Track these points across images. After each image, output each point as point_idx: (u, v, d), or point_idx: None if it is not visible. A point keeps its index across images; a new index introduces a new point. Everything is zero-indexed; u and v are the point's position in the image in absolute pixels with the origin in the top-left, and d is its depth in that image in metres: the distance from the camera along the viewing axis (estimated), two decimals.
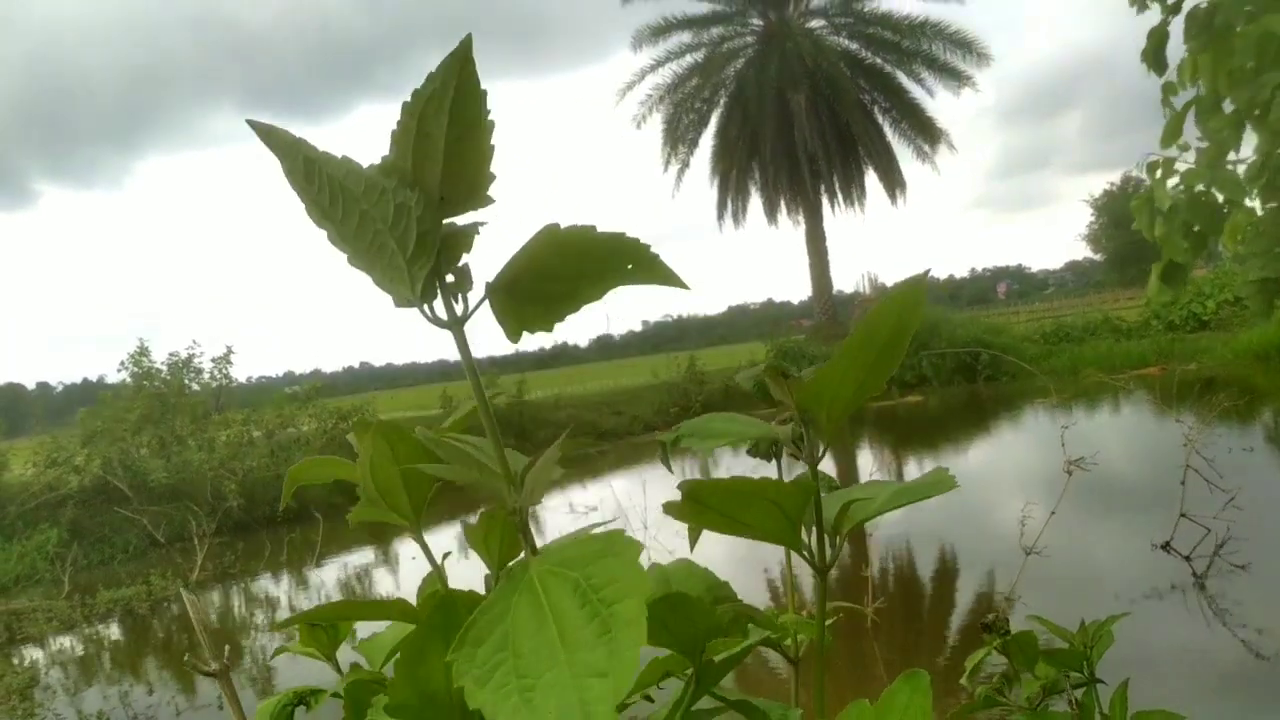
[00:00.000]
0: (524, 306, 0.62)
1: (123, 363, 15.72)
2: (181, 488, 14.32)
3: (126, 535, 13.66)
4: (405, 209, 0.56)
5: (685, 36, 26.75)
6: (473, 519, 0.74)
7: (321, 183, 0.57)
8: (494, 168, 0.57)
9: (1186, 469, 6.24)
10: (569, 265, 0.59)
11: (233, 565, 12.05)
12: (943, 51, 25.10)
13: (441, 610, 0.65)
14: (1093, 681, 1.00)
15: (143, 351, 15.74)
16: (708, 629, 0.73)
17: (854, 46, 26.22)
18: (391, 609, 0.80)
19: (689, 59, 26.78)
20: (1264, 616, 5.14)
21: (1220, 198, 3.98)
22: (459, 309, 0.61)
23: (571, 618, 0.50)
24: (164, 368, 15.84)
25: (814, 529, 0.69)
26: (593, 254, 0.59)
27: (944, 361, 21.69)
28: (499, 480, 0.63)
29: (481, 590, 0.75)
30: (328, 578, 11.00)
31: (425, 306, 0.60)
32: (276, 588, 11.12)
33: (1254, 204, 4.12)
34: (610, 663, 0.47)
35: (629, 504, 9.60)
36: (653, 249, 0.59)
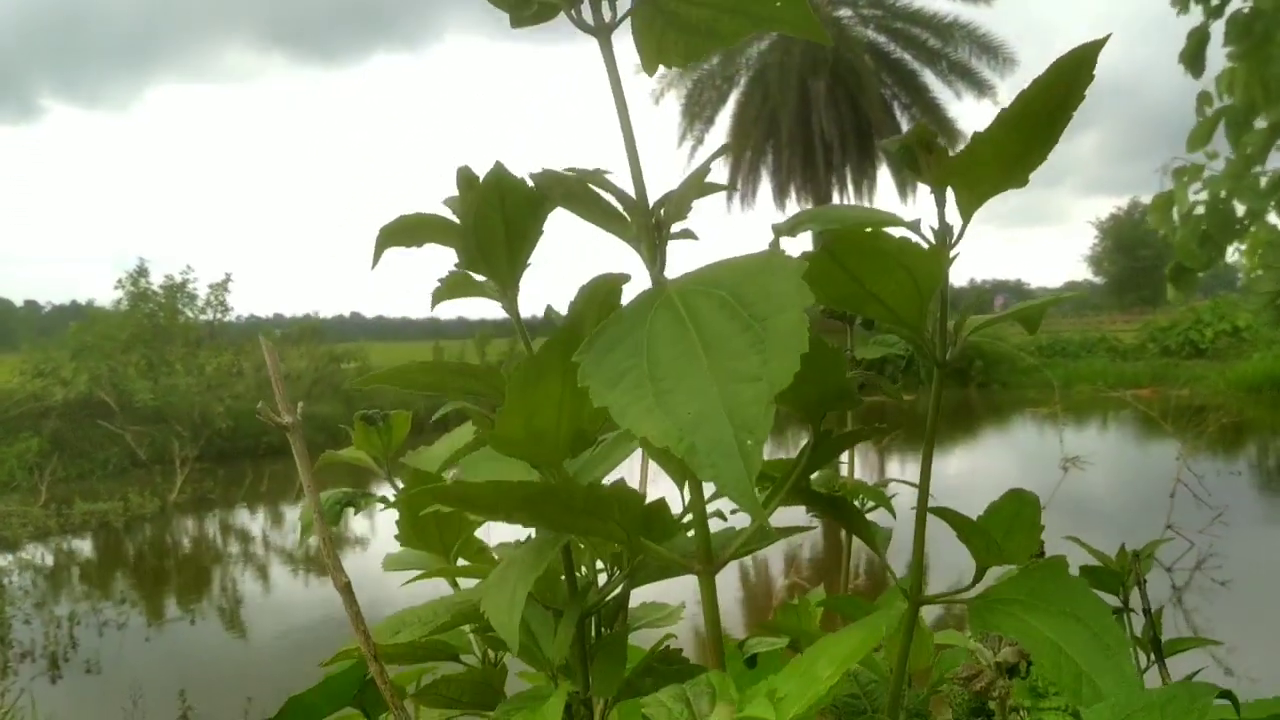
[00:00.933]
0: (666, 31, 0.56)
1: (119, 281, 15.62)
2: (167, 410, 14.26)
3: (108, 451, 13.62)
4: None
5: None
6: None
7: None
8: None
9: (1176, 482, 6.25)
10: None
11: (212, 491, 12.02)
12: (968, 55, 24.97)
13: (568, 329, 0.58)
14: (1127, 609, 0.97)
15: (141, 271, 15.64)
16: (837, 390, 0.68)
17: (880, 39, 26.04)
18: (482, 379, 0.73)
19: None
20: (1237, 634, 5.15)
21: (1240, 209, 3.97)
22: (607, 12, 0.55)
23: (718, 329, 0.44)
24: (160, 290, 15.73)
25: (936, 318, 0.61)
26: None
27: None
28: (627, 211, 0.57)
29: None
30: (293, 518, 10.95)
31: (571, 9, 0.55)
32: (253, 518, 11.10)
33: (1275, 219, 4.12)
34: (764, 369, 0.41)
35: (615, 475, 9.58)
36: None
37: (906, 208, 28.05)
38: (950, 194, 0.57)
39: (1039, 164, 0.55)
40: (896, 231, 0.55)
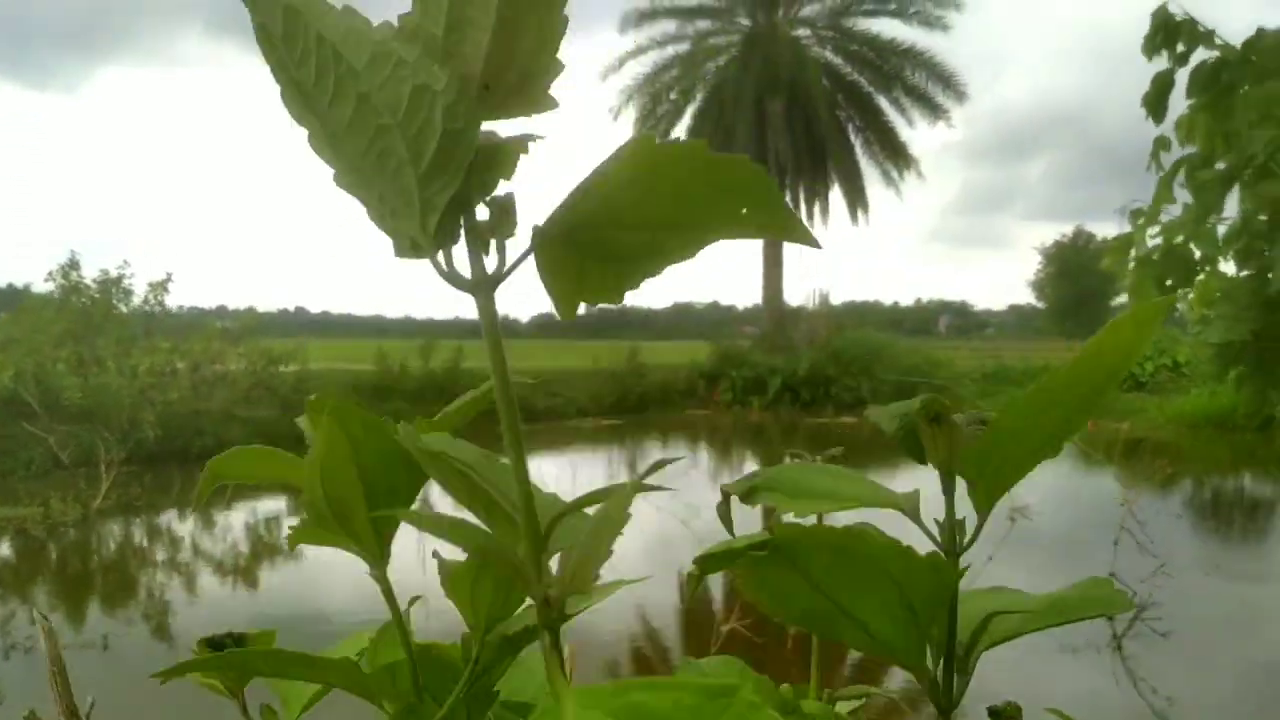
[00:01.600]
0: (586, 265, 0.43)
1: (50, 273, 15.12)
2: (96, 410, 13.81)
3: (31, 451, 13.15)
4: (427, 95, 0.37)
5: (671, 26, 26.60)
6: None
7: (307, 46, 0.38)
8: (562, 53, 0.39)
9: (1121, 530, 6.24)
10: (658, 203, 0.39)
11: (139, 497, 11.63)
12: (923, 81, 25.24)
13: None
14: None
15: (73, 264, 15.14)
16: None
17: (837, 61, 26.23)
18: (334, 671, 0.59)
19: (671, 49, 26.64)
20: (1174, 684, 5.14)
21: (1197, 254, 3.96)
22: (491, 263, 0.42)
23: None
24: (93, 284, 15.25)
25: (942, 645, 0.47)
26: (698, 187, 0.38)
27: (884, 387, 21.84)
28: (516, 539, 0.43)
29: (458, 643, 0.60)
30: (235, 521, 10.68)
31: (440, 255, 0.41)
32: (181, 526, 10.76)
33: (1228, 266, 4.10)
34: None
35: (555, 488, 9.42)
36: (777, 188, 0.39)
37: (858, 228, 28.26)
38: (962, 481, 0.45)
39: (1080, 429, 0.46)
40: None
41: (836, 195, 26.61)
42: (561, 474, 10.94)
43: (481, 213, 0.41)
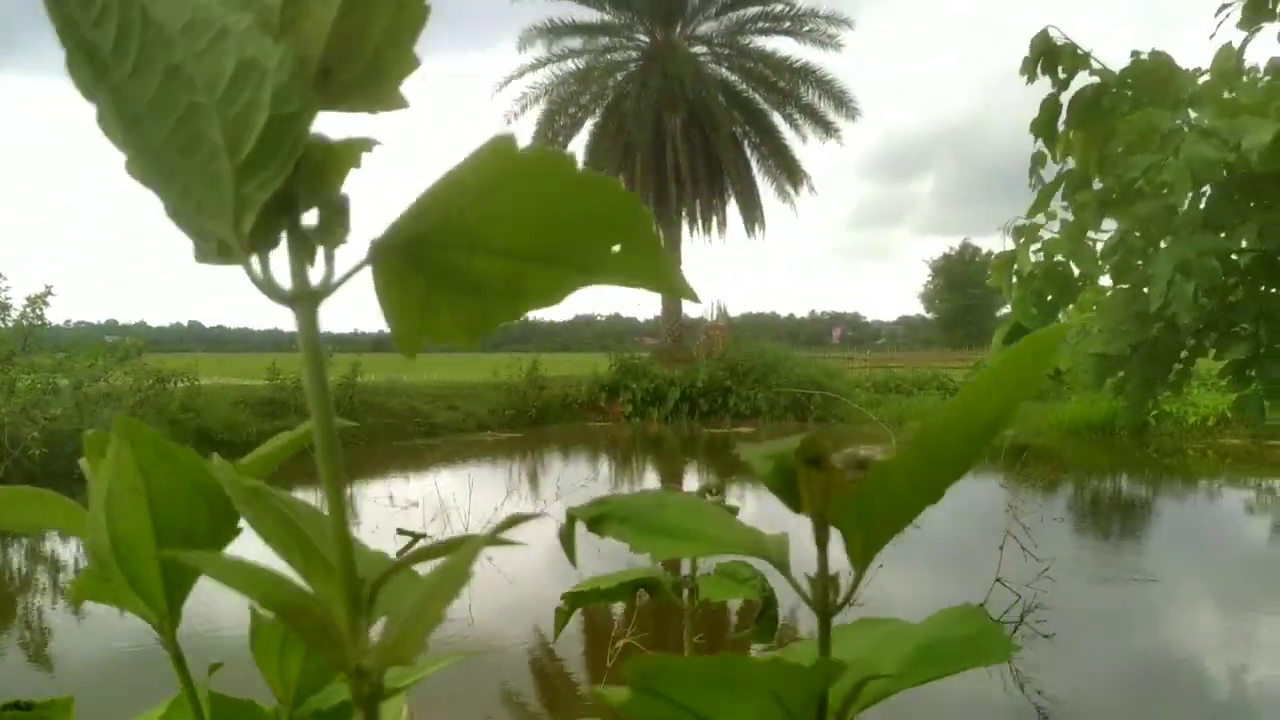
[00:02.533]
0: (434, 294, 0.36)
1: None
2: None
3: None
4: (255, 73, 0.31)
5: (572, 42, 26.61)
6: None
7: (108, 5, 0.31)
8: (421, 46, 0.33)
9: (1006, 535, 6.43)
10: (519, 223, 0.34)
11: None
12: (817, 99, 25.74)
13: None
14: None
15: None
16: None
17: (733, 78, 26.57)
18: None
19: (571, 64, 26.65)
20: (1058, 684, 5.30)
21: (1076, 271, 4.10)
22: (317, 275, 0.35)
23: None
24: None
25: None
26: (564, 209, 0.33)
27: (779, 398, 22.19)
28: (330, 598, 0.36)
29: None
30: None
31: (256, 260, 0.34)
32: (64, 547, 10.32)
33: (1106, 280, 4.27)
34: None
35: (452, 503, 9.33)
36: (654, 226, 0.34)
37: (754, 242, 28.61)
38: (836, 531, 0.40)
39: (967, 471, 0.40)
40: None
41: (734, 209, 26.95)
42: (459, 489, 10.82)
43: (310, 217, 0.35)
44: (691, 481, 15.13)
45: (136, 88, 0.32)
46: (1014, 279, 4.22)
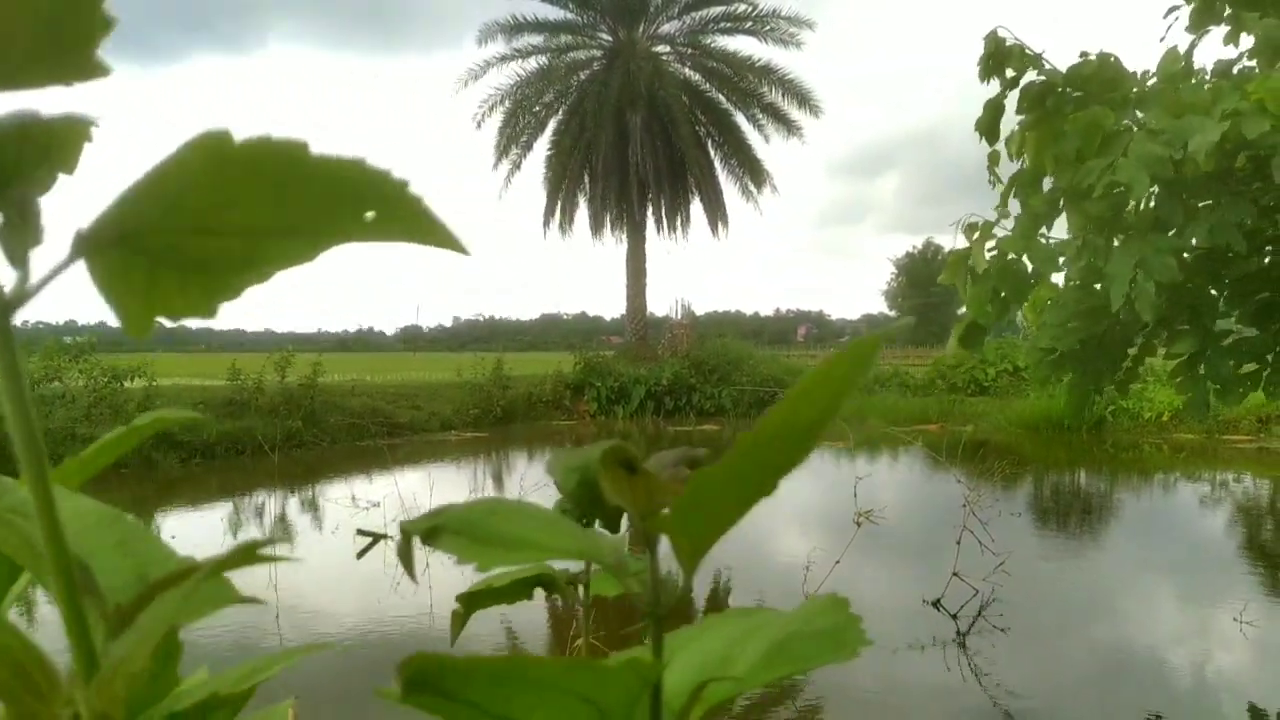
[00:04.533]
0: (159, 274, 0.34)
1: None
2: None
3: None
4: None
5: (534, 39, 26.54)
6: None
7: None
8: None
9: (963, 530, 6.50)
10: (251, 207, 0.32)
11: None
12: (779, 98, 25.85)
13: None
14: None
15: None
16: None
17: (695, 78, 26.60)
18: None
19: (534, 62, 26.59)
20: (1015, 677, 5.37)
21: (1030, 267, 4.12)
22: (9, 280, 0.32)
23: None
24: None
25: None
26: (305, 190, 0.32)
27: (743, 395, 22.29)
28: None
29: None
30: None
31: None
32: None
33: (1058, 278, 4.31)
34: None
35: (413, 504, 9.28)
36: (413, 190, 0.33)
37: (718, 241, 28.71)
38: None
39: (789, 471, 0.38)
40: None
41: (698, 208, 27.00)
42: (419, 487, 10.77)
43: None
44: None
45: None
46: (969, 277, 4.26)
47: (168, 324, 0.36)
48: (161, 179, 0.31)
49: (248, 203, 0.32)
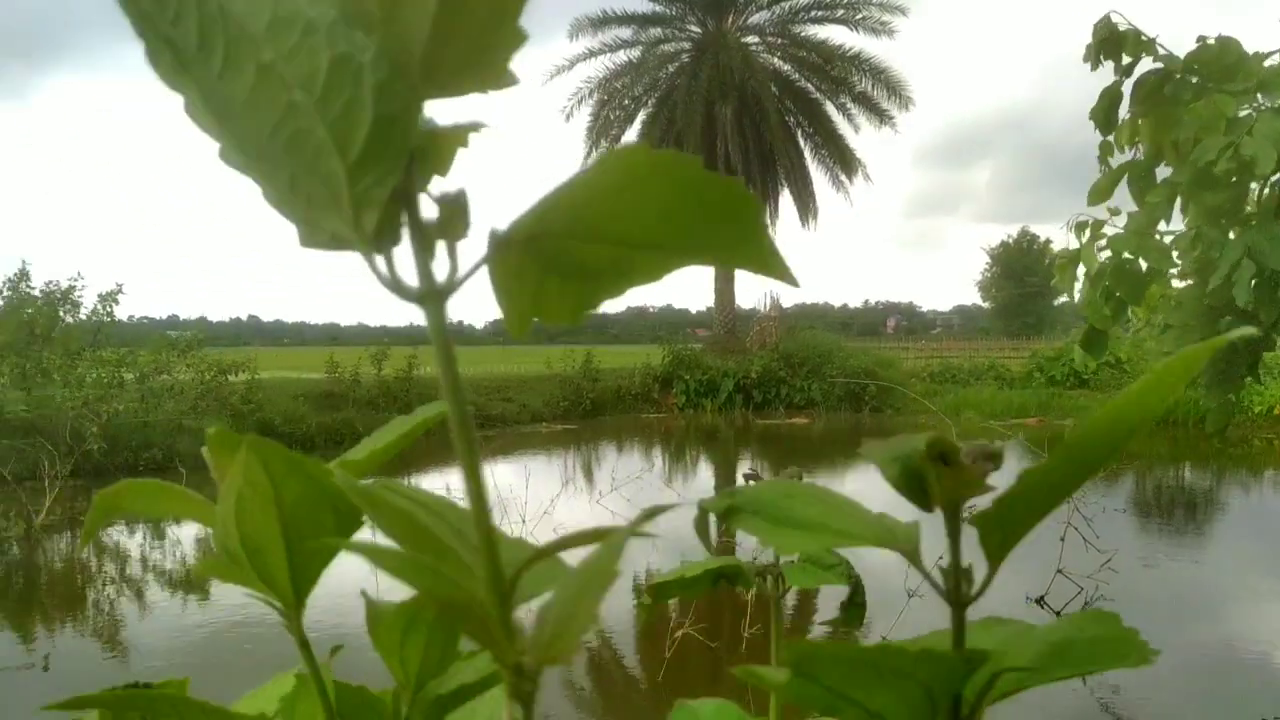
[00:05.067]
0: (546, 279, 0.36)
1: None
2: (40, 424, 13.52)
3: None
4: (350, 69, 0.30)
5: (623, 32, 26.61)
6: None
7: (185, 2, 0.30)
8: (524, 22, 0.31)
9: (1067, 526, 6.36)
10: (639, 218, 0.33)
11: (85, 511, 11.36)
12: (870, 87, 25.49)
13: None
14: None
15: (22, 275, 14.82)
16: None
17: (786, 67, 26.40)
18: None
19: (623, 55, 26.68)
20: (1121, 676, 5.25)
21: (1144, 266, 4.00)
22: (441, 270, 0.34)
23: None
24: (40, 295, 14.93)
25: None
26: (683, 205, 0.33)
27: (833, 388, 22.07)
28: (479, 592, 0.36)
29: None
30: (185, 534, 10.52)
31: (380, 259, 0.34)
32: (129, 538, 10.58)
33: (1173, 274, 4.17)
34: None
35: (509, 495, 9.40)
36: (764, 218, 0.34)
37: (808, 232, 28.49)
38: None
39: (1096, 473, 0.40)
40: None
41: (787, 199, 26.81)
42: (515, 480, 10.91)
43: (425, 210, 0.34)
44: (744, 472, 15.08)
45: (228, 86, 0.31)
46: (1080, 278, 4.14)
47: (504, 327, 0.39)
48: (574, 187, 0.32)
49: (636, 214, 0.33)
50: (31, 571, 9.39)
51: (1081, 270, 3.99)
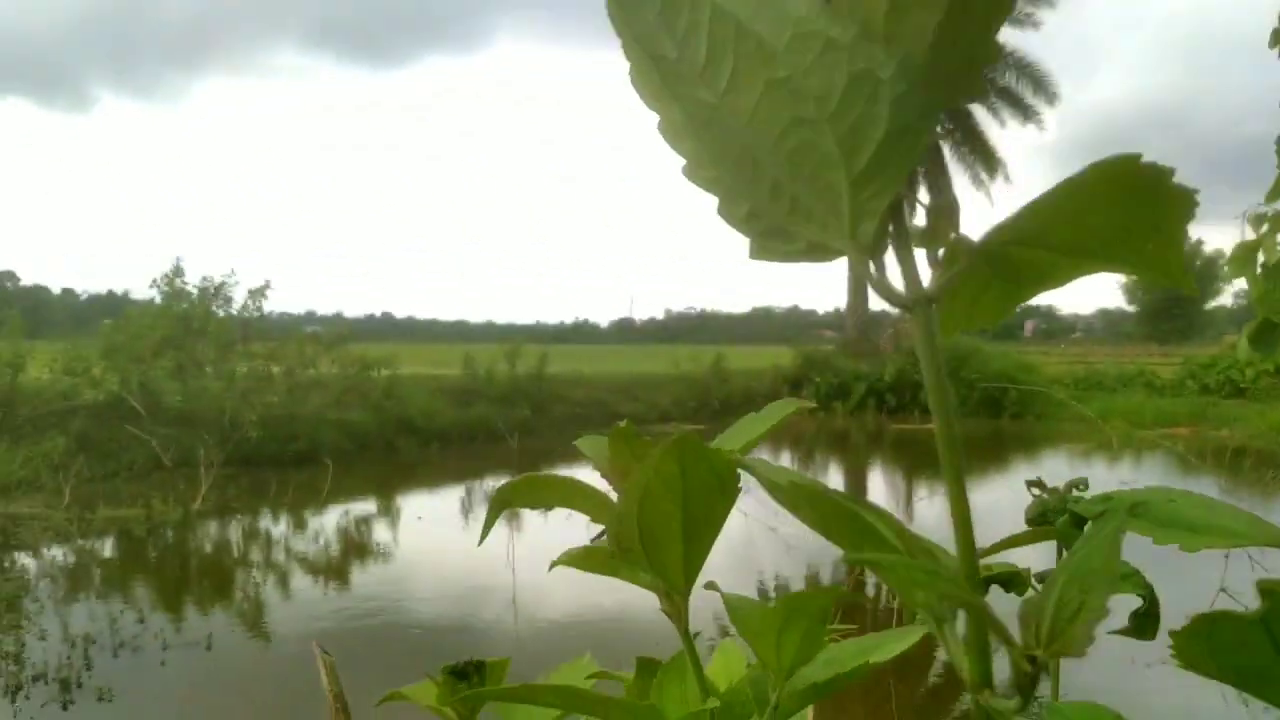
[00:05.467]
0: (991, 281, 0.38)
1: (155, 280, 15.57)
2: (195, 414, 14.21)
3: (133, 453, 13.57)
4: (868, 84, 0.31)
5: None
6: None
7: (696, 20, 0.32)
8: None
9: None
10: (1080, 226, 0.33)
11: (235, 499, 11.94)
12: (1014, 82, 24.73)
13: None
14: None
15: (177, 271, 15.59)
16: None
17: None
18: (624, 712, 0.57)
19: None
20: None
21: None
22: (930, 275, 0.36)
23: None
24: (194, 291, 15.69)
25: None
26: (1133, 215, 0.32)
27: (971, 393, 21.47)
28: (961, 591, 0.35)
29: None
30: (328, 523, 10.90)
31: (872, 265, 0.35)
32: (276, 526, 11.02)
33: None
34: None
35: None
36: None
37: None
38: None
39: None
40: None
41: (923, 198, 26.24)
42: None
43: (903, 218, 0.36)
44: (875, 481, 14.80)
45: (730, 102, 0.33)
46: (1258, 272, 3.93)
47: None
48: (1057, 195, 0.32)
49: (1091, 221, 0.33)
50: (188, 555, 9.85)
51: (1260, 258, 3.77)
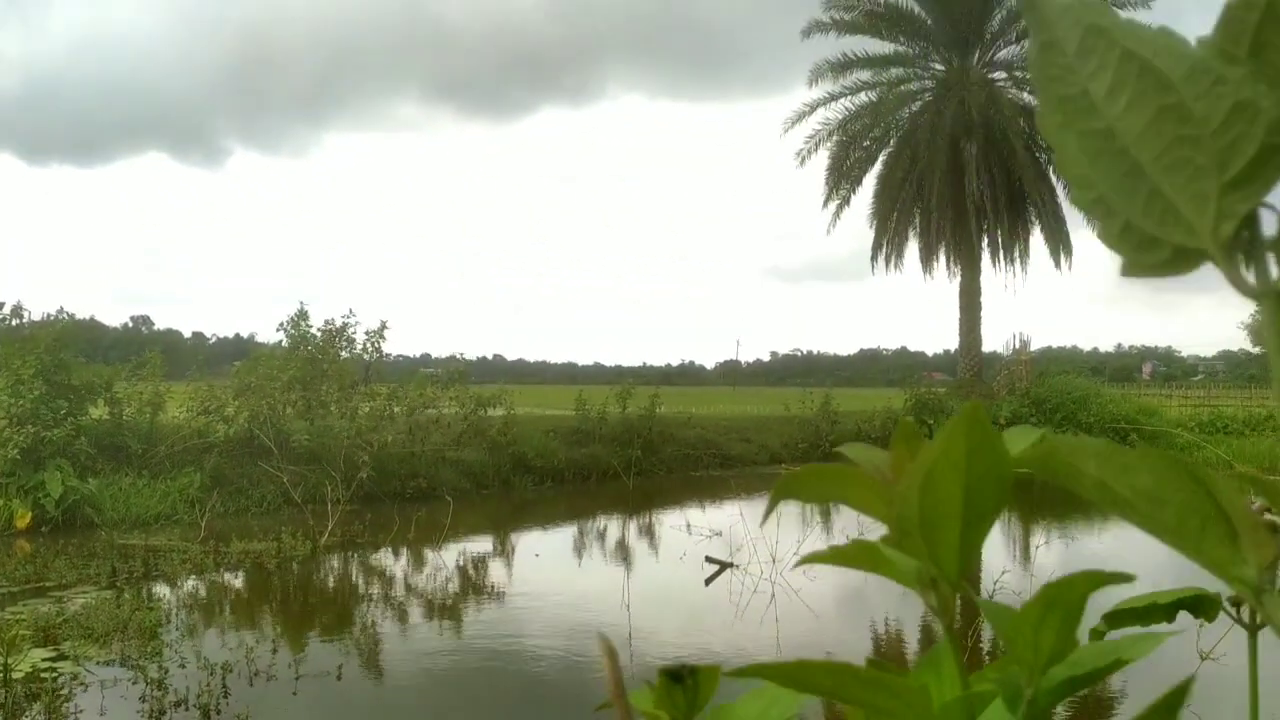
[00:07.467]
0: None
1: (282, 324, 16.24)
2: (320, 452, 14.72)
3: (263, 489, 14.12)
4: (1249, 110, 0.38)
5: (863, 74, 26.43)
6: None
7: (1105, 61, 0.40)
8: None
9: None
10: None
11: (360, 534, 12.31)
12: None
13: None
14: None
15: (302, 315, 16.23)
16: None
17: (1034, 102, 25.39)
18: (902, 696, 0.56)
19: (863, 97, 26.46)
20: None
21: None
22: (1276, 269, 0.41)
23: None
24: (318, 333, 16.29)
25: None
26: None
27: (1092, 435, 20.82)
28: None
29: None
30: (447, 559, 11.14)
31: (1228, 260, 0.40)
32: (396, 563, 11.31)
33: None
34: None
35: (758, 534, 9.39)
36: None
37: (1060, 274, 27.25)
38: None
39: None
40: None
41: (1038, 238, 25.75)
42: (757, 521, 10.89)
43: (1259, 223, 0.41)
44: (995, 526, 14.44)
45: (1124, 123, 0.40)
46: None
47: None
48: None
49: None
50: (316, 587, 10.19)
51: None
